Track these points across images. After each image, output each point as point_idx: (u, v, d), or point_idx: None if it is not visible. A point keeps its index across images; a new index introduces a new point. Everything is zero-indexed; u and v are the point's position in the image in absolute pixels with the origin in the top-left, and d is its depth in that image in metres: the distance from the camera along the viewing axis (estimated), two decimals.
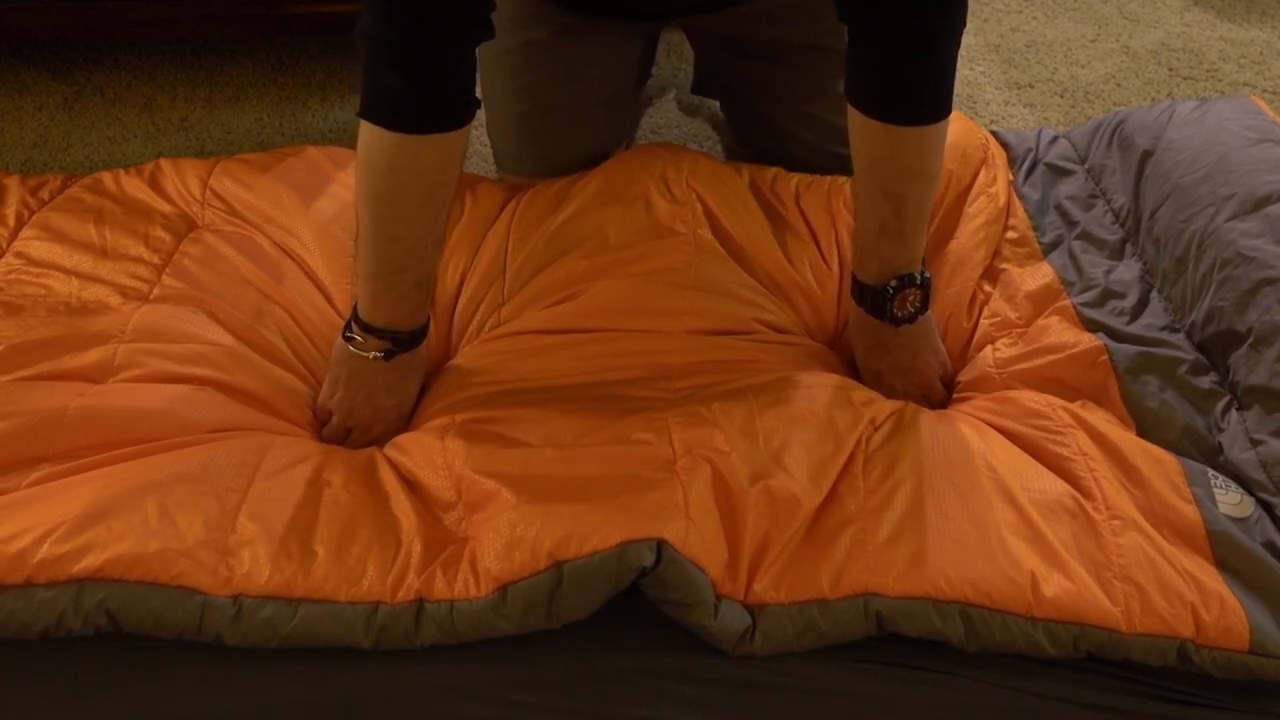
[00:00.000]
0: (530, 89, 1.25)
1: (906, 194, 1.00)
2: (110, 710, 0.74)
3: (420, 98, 0.90)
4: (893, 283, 1.03)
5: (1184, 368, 0.99)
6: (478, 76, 0.93)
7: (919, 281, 1.04)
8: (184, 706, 0.74)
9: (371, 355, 0.99)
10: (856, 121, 0.98)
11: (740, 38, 1.30)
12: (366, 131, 0.91)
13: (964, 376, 1.07)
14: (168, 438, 0.88)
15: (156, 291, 1.04)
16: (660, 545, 0.77)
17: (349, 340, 1.00)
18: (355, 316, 0.99)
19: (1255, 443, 0.91)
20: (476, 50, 0.92)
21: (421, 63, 0.89)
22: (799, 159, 1.28)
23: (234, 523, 0.79)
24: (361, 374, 1.00)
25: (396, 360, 1.00)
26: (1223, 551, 0.82)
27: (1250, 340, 0.96)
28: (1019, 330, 1.08)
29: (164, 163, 1.22)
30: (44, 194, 1.17)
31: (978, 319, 1.11)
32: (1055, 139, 1.31)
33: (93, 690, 0.74)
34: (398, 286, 0.97)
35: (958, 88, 1.72)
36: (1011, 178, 1.25)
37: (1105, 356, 1.00)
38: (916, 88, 0.96)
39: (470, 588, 0.77)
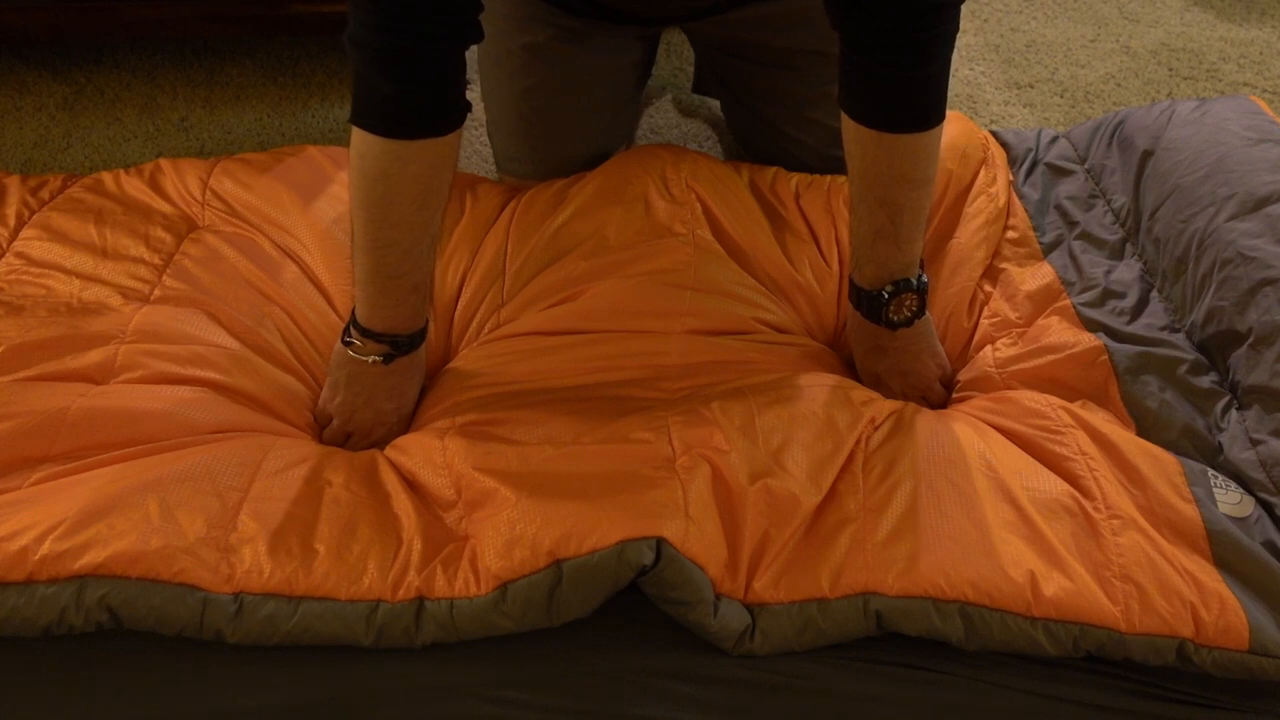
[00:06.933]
0: (530, 92, 1.25)
1: (902, 201, 0.99)
2: (111, 708, 0.74)
3: (411, 103, 0.89)
4: (888, 288, 1.02)
5: (1184, 367, 0.99)
6: (478, 78, 0.92)
7: (915, 286, 1.03)
8: (184, 705, 0.74)
9: (371, 359, 0.99)
10: (850, 129, 0.97)
11: (739, 42, 1.30)
12: (358, 138, 0.91)
13: (964, 376, 1.07)
14: (169, 439, 0.88)
15: (157, 292, 1.04)
16: (660, 544, 0.77)
17: (348, 344, 0.99)
18: (354, 321, 0.99)
19: (1255, 442, 0.91)
20: (476, 52, 0.92)
21: (410, 68, 0.88)
22: (799, 160, 1.27)
23: (235, 521, 0.80)
24: (361, 378, 0.99)
25: (396, 364, 1.00)
26: (1222, 551, 0.82)
27: (1250, 340, 0.96)
28: (1019, 330, 1.08)
29: (164, 163, 1.22)
30: (44, 194, 1.17)
31: (978, 319, 1.11)
32: (1055, 139, 1.31)
33: (93, 688, 0.74)
34: (395, 291, 0.97)
35: (958, 88, 1.73)
36: (1011, 178, 1.25)
37: (1105, 356, 1.00)
38: (910, 96, 0.95)
39: (470, 586, 0.77)
